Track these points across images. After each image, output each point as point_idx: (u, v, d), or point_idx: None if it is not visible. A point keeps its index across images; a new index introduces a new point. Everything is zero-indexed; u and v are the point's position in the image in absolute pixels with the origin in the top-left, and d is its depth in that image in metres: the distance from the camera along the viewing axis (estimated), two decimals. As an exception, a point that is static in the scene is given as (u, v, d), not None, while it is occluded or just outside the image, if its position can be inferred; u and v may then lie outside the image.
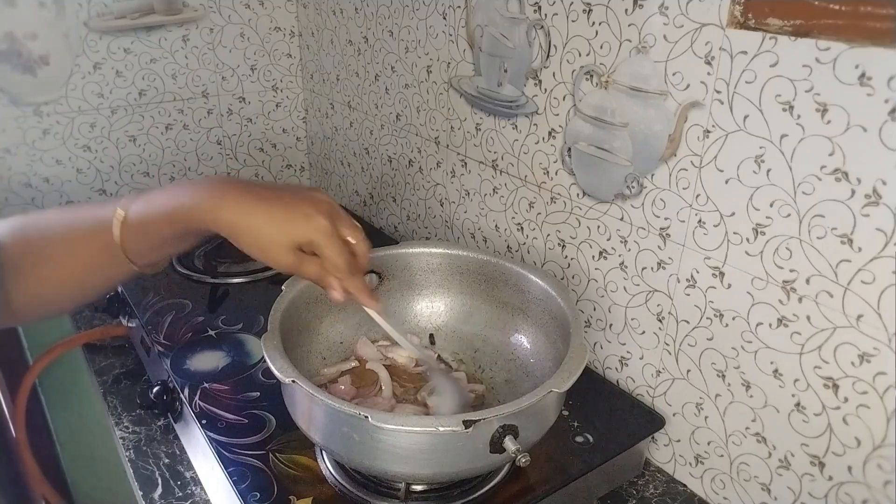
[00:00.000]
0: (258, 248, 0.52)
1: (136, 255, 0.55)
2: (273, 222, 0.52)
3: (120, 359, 0.88)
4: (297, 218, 0.52)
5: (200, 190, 0.53)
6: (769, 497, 0.62)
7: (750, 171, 0.56)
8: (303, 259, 0.53)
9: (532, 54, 0.74)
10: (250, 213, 0.52)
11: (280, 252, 0.52)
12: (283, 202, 0.53)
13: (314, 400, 0.51)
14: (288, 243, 0.52)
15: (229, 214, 0.52)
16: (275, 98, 1.26)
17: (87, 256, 0.56)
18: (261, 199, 0.52)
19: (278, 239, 0.52)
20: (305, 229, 0.52)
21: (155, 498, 0.66)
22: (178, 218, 0.53)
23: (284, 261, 0.53)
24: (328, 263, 0.54)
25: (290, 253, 0.52)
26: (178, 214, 0.53)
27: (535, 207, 0.80)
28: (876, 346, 0.50)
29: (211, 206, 0.52)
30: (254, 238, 0.52)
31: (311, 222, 0.52)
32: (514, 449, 0.50)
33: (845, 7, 0.46)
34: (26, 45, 0.99)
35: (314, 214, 0.52)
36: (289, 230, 0.52)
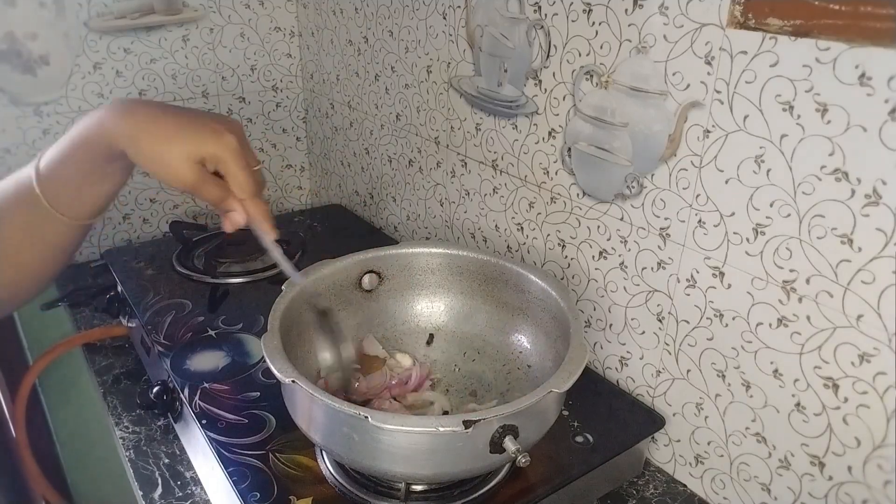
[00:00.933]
0: (158, 159, 0.50)
1: (65, 205, 0.53)
2: (177, 132, 0.50)
3: (120, 359, 0.88)
4: (204, 132, 0.50)
5: (100, 111, 0.51)
6: (769, 497, 0.62)
7: (750, 171, 0.56)
8: (205, 177, 0.51)
9: (532, 54, 0.74)
10: (153, 121, 0.50)
11: (182, 166, 0.50)
12: (191, 116, 0.51)
13: (314, 400, 0.51)
14: (191, 157, 0.50)
15: (130, 124, 0.50)
16: (275, 98, 1.26)
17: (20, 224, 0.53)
18: (166, 111, 0.51)
19: (181, 151, 0.49)
20: (213, 144, 0.50)
21: (155, 498, 0.66)
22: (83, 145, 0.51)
23: (185, 175, 0.50)
24: (234, 182, 0.52)
25: (193, 168, 0.50)
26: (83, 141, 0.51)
27: (535, 207, 0.80)
28: (876, 346, 0.50)
29: (111, 120, 0.50)
30: (154, 148, 0.50)
31: (220, 138, 0.50)
32: (514, 449, 0.50)
33: (845, 7, 0.46)
34: (26, 45, 0.99)
35: (223, 131, 0.51)
36: (194, 143, 0.50)
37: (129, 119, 0.50)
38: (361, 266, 0.72)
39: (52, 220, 0.53)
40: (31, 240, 0.55)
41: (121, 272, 0.95)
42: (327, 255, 0.71)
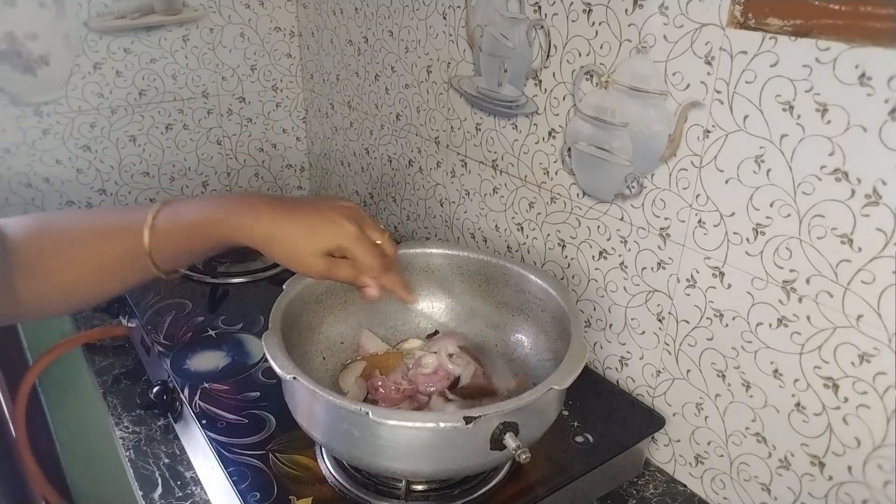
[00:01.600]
0: (292, 258, 0.55)
1: (162, 262, 0.56)
2: (303, 232, 0.55)
3: (120, 359, 0.88)
4: (325, 225, 0.55)
5: (232, 204, 0.56)
6: (769, 497, 0.62)
7: (750, 171, 0.56)
8: (334, 263, 0.56)
9: (532, 54, 0.74)
10: (281, 226, 0.55)
11: (312, 260, 0.55)
12: (311, 212, 0.56)
13: (315, 396, 0.51)
14: (319, 251, 0.55)
15: (262, 228, 0.54)
16: (275, 98, 1.26)
17: (110, 260, 0.56)
18: (290, 211, 0.55)
19: (310, 248, 0.55)
20: (334, 235, 0.55)
21: (155, 498, 0.66)
22: (209, 230, 0.55)
23: (317, 267, 0.55)
24: (361, 265, 0.56)
25: (322, 259, 0.55)
26: (211, 227, 0.55)
27: (535, 207, 0.80)
28: (876, 346, 0.50)
29: (244, 221, 0.55)
30: (287, 249, 0.55)
31: (340, 228, 0.55)
32: (514, 446, 0.50)
33: (845, 7, 0.46)
34: (26, 45, 0.99)
35: (341, 221, 0.56)
36: (319, 238, 0.55)
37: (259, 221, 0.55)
38: (361, 266, 0.72)
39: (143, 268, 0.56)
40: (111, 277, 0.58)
41: (121, 272, 0.94)
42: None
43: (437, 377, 0.67)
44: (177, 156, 1.19)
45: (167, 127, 1.16)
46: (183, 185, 1.22)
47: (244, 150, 1.26)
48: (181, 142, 1.18)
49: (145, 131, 1.14)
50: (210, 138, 1.21)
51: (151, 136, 1.15)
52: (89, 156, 1.10)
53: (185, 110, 1.17)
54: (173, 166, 1.19)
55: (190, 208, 0.56)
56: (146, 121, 1.14)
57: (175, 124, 1.17)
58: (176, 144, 1.18)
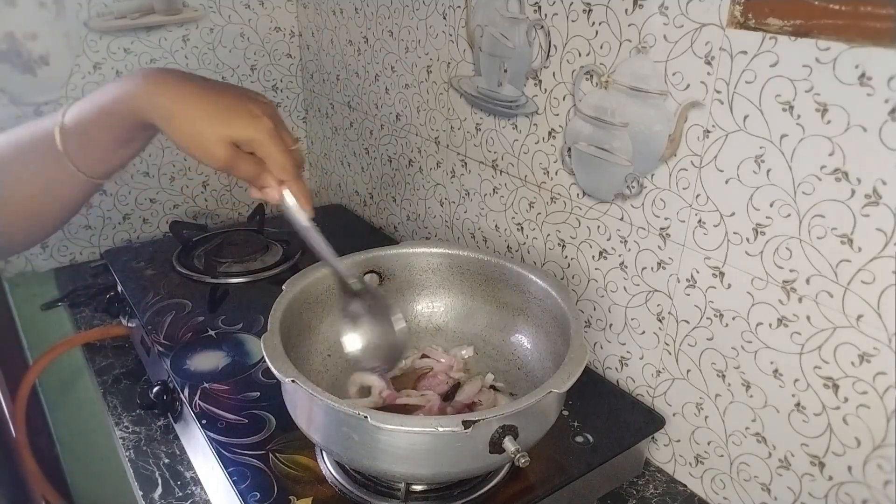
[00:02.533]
0: (192, 139, 0.50)
1: (84, 164, 0.53)
2: (213, 114, 0.50)
3: (120, 359, 0.88)
4: (240, 114, 0.51)
5: (134, 79, 0.51)
6: (769, 497, 0.62)
7: (750, 171, 0.56)
8: (239, 155, 0.52)
9: (532, 54, 0.74)
10: (189, 101, 0.50)
11: (216, 147, 0.50)
12: (227, 96, 0.51)
13: (314, 400, 0.51)
14: (224, 137, 0.50)
15: (166, 100, 0.50)
16: (275, 98, 1.26)
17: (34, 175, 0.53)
18: (202, 89, 0.51)
19: (216, 132, 0.50)
20: (248, 126, 0.51)
21: (155, 498, 0.66)
22: (114, 111, 0.51)
23: (219, 155, 0.51)
24: (272, 163, 0.53)
25: (225, 147, 0.51)
26: (114, 107, 0.51)
27: (535, 207, 0.80)
28: (876, 346, 0.50)
29: (146, 93, 0.50)
30: (189, 128, 0.50)
31: (256, 121, 0.51)
32: (513, 449, 0.50)
33: (845, 7, 0.46)
34: (26, 45, 0.99)
35: (259, 114, 0.51)
36: (229, 125, 0.50)
37: (163, 95, 0.50)
38: (361, 266, 0.72)
39: (69, 174, 0.53)
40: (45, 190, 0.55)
41: (121, 272, 0.95)
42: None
43: (436, 381, 0.68)
44: (177, 156, 1.19)
45: (167, 127, 1.16)
46: (183, 185, 1.21)
47: (244, 150, 1.26)
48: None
49: (145, 131, 1.14)
50: (210, 138, 1.21)
51: (151, 136, 1.15)
52: (89, 156, 1.10)
53: (185, 110, 1.17)
54: (173, 166, 1.19)
55: (94, 96, 0.52)
56: (146, 121, 1.13)
57: (175, 124, 1.16)
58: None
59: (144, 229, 1.19)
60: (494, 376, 0.70)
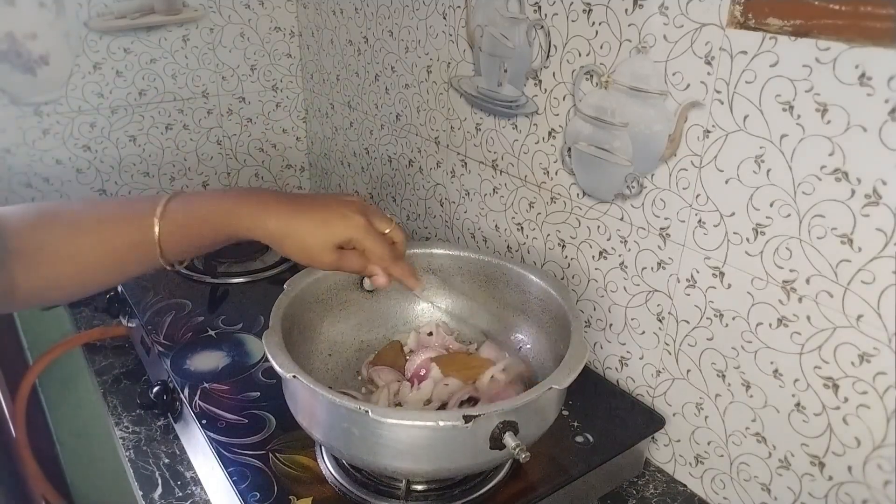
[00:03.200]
0: (304, 252, 0.57)
1: (169, 253, 0.57)
2: (315, 227, 0.56)
3: (120, 359, 0.88)
4: (335, 220, 0.57)
5: (244, 198, 0.57)
6: (769, 497, 0.62)
7: (750, 171, 0.56)
8: (343, 255, 0.58)
9: (532, 54, 0.74)
10: (295, 221, 0.56)
11: (323, 253, 0.56)
12: (320, 207, 0.57)
13: (315, 395, 0.51)
14: (329, 244, 0.56)
15: (274, 223, 0.56)
16: (275, 98, 1.26)
17: (115, 250, 0.57)
18: (301, 206, 0.57)
19: (321, 242, 0.56)
20: (344, 228, 0.56)
21: (155, 498, 0.66)
22: (221, 223, 0.56)
23: (328, 260, 0.57)
24: (371, 255, 0.58)
25: (332, 252, 0.57)
26: (223, 219, 0.56)
27: (535, 207, 0.80)
28: (876, 346, 0.50)
29: (255, 215, 0.56)
30: (300, 244, 0.56)
31: (350, 221, 0.57)
32: (513, 445, 0.50)
33: (845, 7, 0.46)
34: (26, 45, 0.99)
35: (349, 214, 0.57)
36: (328, 232, 0.56)
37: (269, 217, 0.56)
38: (361, 266, 0.72)
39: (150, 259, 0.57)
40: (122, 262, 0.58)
41: (121, 272, 0.94)
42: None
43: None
44: (177, 156, 1.19)
45: (167, 127, 1.16)
46: (183, 185, 1.21)
47: (244, 150, 1.26)
48: (181, 142, 1.18)
49: (145, 131, 1.14)
50: (210, 138, 1.21)
51: (151, 135, 1.15)
52: (89, 156, 1.10)
53: (185, 110, 1.17)
54: (173, 166, 1.19)
55: (202, 200, 0.57)
56: (146, 121, 1.14)
57: (175, 124, 1.17)
58: (176, 144, 1.18)
59: (144, 229, 1.19)
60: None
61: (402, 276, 0.61)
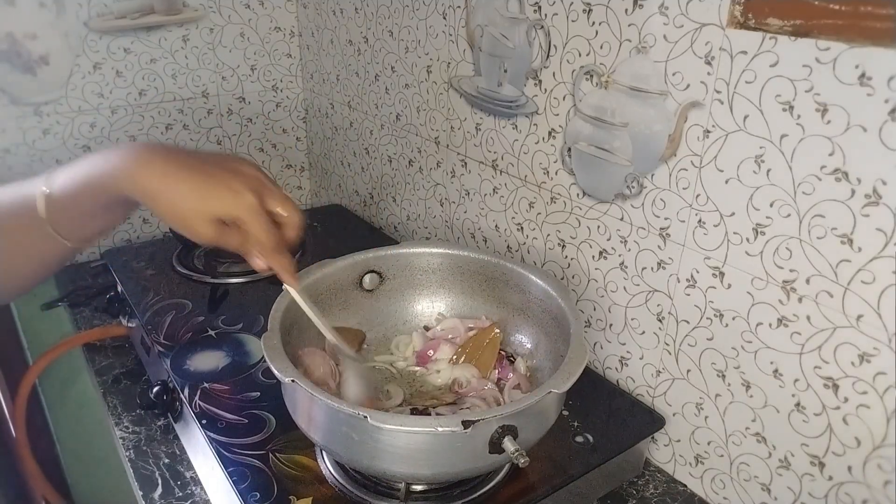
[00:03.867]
0: (177, 217, 0.51)
1: (67, 231, 0.54)
2: (196, 193, 0.50)
3: (120, 359, 0.88)
4: (221, 192, 0.51)
5: (120, 156, 0.52)
6: (769, 497, 0.62)
7: (750, 171, 0.56)
8: (223, 230, 0.52)
9: (532, 54, 0.74)
10: (172, 180, 0.50)
11: (200, 223, 0.51)
12: (208, 173, 0.51)
13: (314, 399, 0.51)
14: (209, 215, 0.51)
15: (149, 181, 0.50)
16: (275, 98, 1.26)
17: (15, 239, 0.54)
18: (185, 167, 0.51)
19: (200, 210, 0.51)
20: (230, 204, 0.51)
21: (155, 498, 0.66)
22: (99, 186, 0.52)
23: (204, 232, 0.52)
24: (252, 241, 0.53)
25: (211, 224, 0.51)
26: (99, 182, 0.52)
27: (535, 207, 0.80)
28: (876, 346, 0.50)
29: (130, 172, 0.51)
30: (173, 207, 0.51)
31: (238, 198, 0.51)
32: (513, 449, 0.50)
33: (845, 7, 0.46)
34: (26, 45, 0.99)
35: (241, 190, 0.51)
36: (212, 204, 0.51)
37: (146, 173, 0.51)
38: (362, 266, 0.72)
39: (49, 239, 0.54)
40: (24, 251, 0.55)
41: (121, 272, 0.94)
42: (327, 255, 0.71)
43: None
44: (177, 156, 1.19)
45: (167, 127, 1.16)
46: (183, 185, 1.21)
47: (244, 151, 1.26)
48: (181, 142, 1.18)
49: (145, 131, 1.14)
50: (210, 138, 1.21)
51: (151, 136, 1.15)
52: (89, 156, 1.10)
53: (185, 110, 1.17)
54: (173, 166, 1.19)
55: (79, 168, 0.52)
56: (146, 121, 1.14)
57: (175, 124, 1.17)
58: (176, 144, 1.18)
59: (144, 229, 1.19)
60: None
61: (279, 268, 0.56)
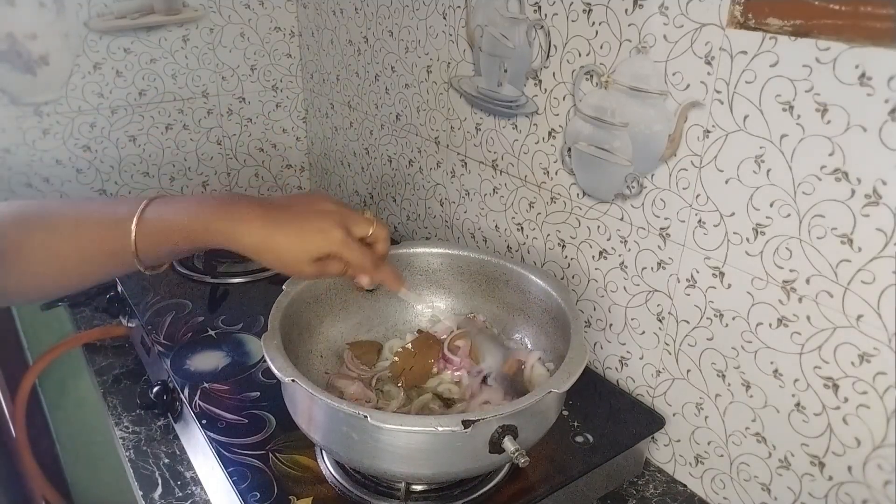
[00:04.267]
0: (283, 265, 0.56)
1: (146, 258, 0.56)
2: (293, 243, 0.55)
3: (120, 359, 0.88)
4: (314, 236, 0.56)
5: (220, 208, 0.55)
6: (769, 497, 0.62)
7: (750, 171, 0.56)
8: (324, 264, 0.57)
9: (532, 54, 0.74)
10: (271, 235, 0.55)
11: (303, 266, 0.56)
12: (298, 220, 0.56)
13: (314, 399, 0.51)
14: (308, 258, 0.56)
15: (250, 238, 0.55)
16: (275, 98, 1.26)
17: (93, 254, 0.57)
18: (277, 220, 0.56)
19: (299, 256, 0.55)
20: (322, 244, 0.56)
21: (155, 498, 0.66)
22: (196, 233, 0.55)
23: (308, 272, 0.57)
24: (352, 268, 0.58)
25: (311, 264, 0.56)
26: (198, 230, 0.55)
27: (535, 207, 0.80)
28: (876, 346, 0.50)
29: (233, 228, 0.55)
30: (277, 257, 0.56)
31: (328, 236, 0.56)
32: (513, 449, 0.50)
33: (845, 7, 0.46)
34: (26, 45, 0.99)
35: (329, 228, 0.56)
36: (309, 248, 0.55)
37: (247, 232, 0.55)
38: (361, 266, 0.72)
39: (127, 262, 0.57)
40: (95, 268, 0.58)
41: (121, 272, 0.94)
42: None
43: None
44: (177, 156, 1.19)
45: (167, 127, 1.16)
46: (183, 185, 1.22)
47: (244, 150, 1.26)
48: (181, 142, 1.18)
49: (145, 131, 1.14)
50: (210, 138, 1.21)
51: (151, 136, 1.15)
52: (89, 156, 1.10)
53: (185, 110, 1.17)
54: (173, 166, 1.19)
55: (178, 208, 0.56)
56: (146, 121, 1.14)
57: (175, 124, 1.17)
58: (176, 144, 1.18)
59: (144, 229, 1.19)
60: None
61: (384, 280, 0.61)
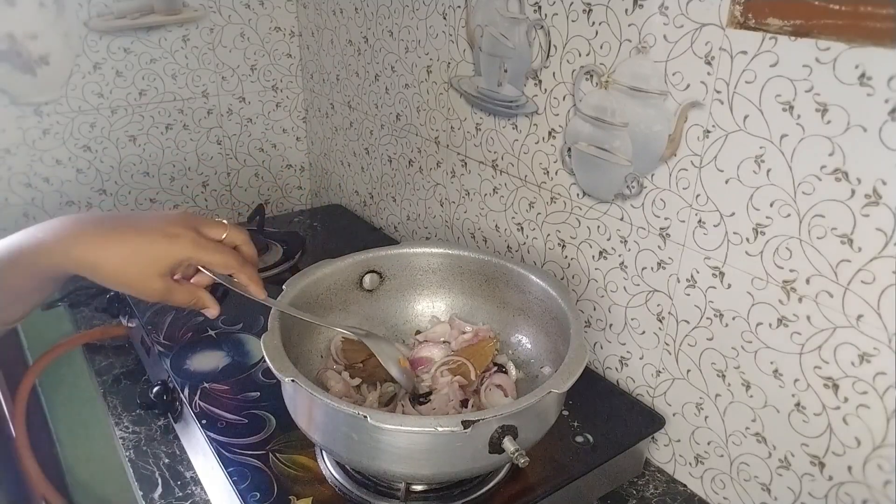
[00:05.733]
0: (123, 281, 0.50)
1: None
2: (136, 253, 0.49)
3: (120, 359, 0.88)
4: (160, 242, 0.50)
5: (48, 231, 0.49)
6: (769, 497, 0.62)
7: (750, 171, 0.56)
8: (171, 286, 0.52)
9: (532, 54, 0.74)
10: (110, 246, 0.49)
11: (148, 281, 0.50)
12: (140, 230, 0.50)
13: (314, 399, 0.51)
14: (157, 271, 0.50)
15: (85, 253, 0.48)
16: (275, 98, 1.26)
17: None
18: (116, 231, 0.49)
19: (145, 269, 0.49)
20: (174, 249, 0.50)
21: (155, 498, 0.66)
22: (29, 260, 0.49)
23: (155, 289, 0.50)
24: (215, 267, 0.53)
25: (160, 280, 0.50)
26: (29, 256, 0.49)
27: (535, 207, 0.80)
28: (876, 346, 0.50)
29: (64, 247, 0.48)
30: (116, 272, 0.49)
31: (178, 240, 0.50)
32: (513, 449, 0.50)
33: (845, 7, 0.46)
34: (26, 45, 0.99)
35: (178, 232, 0.50)
36: (154, 255, 0.49)
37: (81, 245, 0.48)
38: (362, 266, 0.72)
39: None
40: None
41: (121, 272, 0.94)
42: (327, 255, 0.71)
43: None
44: (177, 156, 1.19)
45: (167, 127, 1.16)
46: (183, 185, 1.22)
47: (244, 150, 1.26)
48: (181, 142, 1.18)
49: (145, 131, 1.14)
50: (210, 138, 1.21)
51: (151, 136, 1.15)
52: (89, 156, 1.10)
53: (185, 110, 1.17)
54: (173, 166, 1.19)
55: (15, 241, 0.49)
56: (146, 121, 1.14)
57: (175, 124, 1.17)
58: (176, 144, 1.18)
59: (144, 229, 1.19)
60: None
61: (246, 282, 0.56)
